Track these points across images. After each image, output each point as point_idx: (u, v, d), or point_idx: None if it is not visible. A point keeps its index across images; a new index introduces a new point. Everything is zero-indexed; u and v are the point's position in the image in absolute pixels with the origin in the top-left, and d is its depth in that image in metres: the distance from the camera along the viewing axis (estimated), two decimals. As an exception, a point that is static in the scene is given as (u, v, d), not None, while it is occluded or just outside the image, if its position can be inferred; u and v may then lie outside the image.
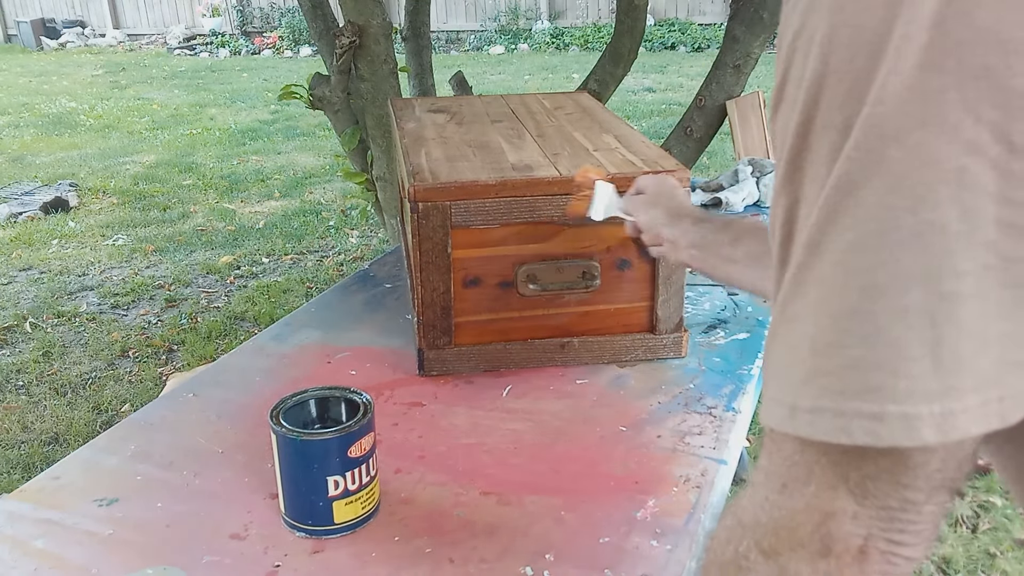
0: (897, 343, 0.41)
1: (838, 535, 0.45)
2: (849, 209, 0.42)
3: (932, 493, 0.45)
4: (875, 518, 0.45)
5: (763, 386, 0.47)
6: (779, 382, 0.45)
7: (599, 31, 10.45)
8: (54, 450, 2.65)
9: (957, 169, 0.40)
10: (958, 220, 0.40)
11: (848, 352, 0.42)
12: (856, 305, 0.42)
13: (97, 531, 0.91)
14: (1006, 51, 0.39)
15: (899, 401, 0.41)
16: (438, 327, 1.20)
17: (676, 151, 2.75)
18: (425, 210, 1.14)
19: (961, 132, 0.39)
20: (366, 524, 0.92)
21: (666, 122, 6.21)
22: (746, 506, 0.50)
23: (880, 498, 0.45)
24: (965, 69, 0.39)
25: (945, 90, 0.40)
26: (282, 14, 11.73)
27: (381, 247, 4.16)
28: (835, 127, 0.43)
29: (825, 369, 0.43)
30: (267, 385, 1.20)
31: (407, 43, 2.97)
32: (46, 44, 12.19)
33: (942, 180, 0.40)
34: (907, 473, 0.44)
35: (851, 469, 0.45)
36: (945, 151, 0.40)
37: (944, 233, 0.40)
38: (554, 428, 1.10)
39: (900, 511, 0.45)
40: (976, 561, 2.03)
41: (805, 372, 0.44)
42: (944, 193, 0.40)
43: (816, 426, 0.43)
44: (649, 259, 1.21)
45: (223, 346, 3.27)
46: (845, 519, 0.45)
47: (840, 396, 0.42)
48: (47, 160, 6.15)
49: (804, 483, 0.46)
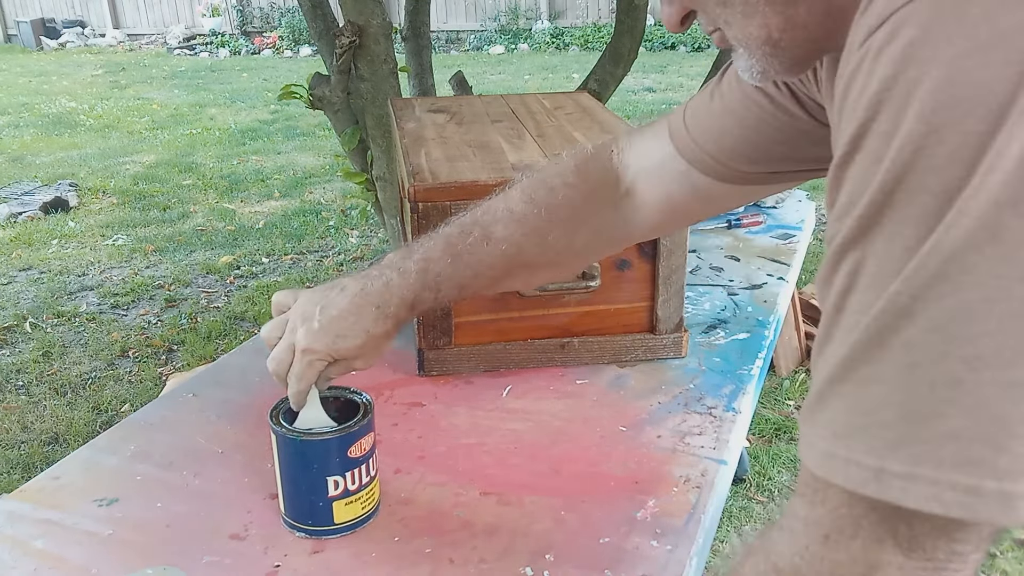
0: (1001, 418, 0.40)
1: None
2: (953, 276, 0.40)
3: (980, 545, 0.45)
4: (920, 569, 0.45)
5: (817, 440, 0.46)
6: (853, 442, 0.44)
7: (599, 31, 10.45)
8: (54, 450, 2.65)
9: None
10: None
11: (948, 422, 0.41)
12: (958, 375, 0.40)
13: (97, 531, 0.91)
14: None
15: (999, 477, 0.40)
16: (438, 327, 1.20)
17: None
18: (425, 210, 1.14)
19: None
20: (366, 524, 0.92)
21: (666, 122, 6.20)
22: (783, 552, 0.49)
23: (928, 551, 0.44)
24: None
25: None
26: (282, 14, 11.73)
27: (381, 247, 4.16)
28: (931, 191, 0.41)
29: (922, 437, 0.42)
30: (267, 385, 1.20)
31: (407, 43, 2.97)
32: (46, 44, 12.19)
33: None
34: (962, 530, 0.44)
35: (903, 525, 0.44)
36: None
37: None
38: (554, 428, 1.10)
39: (946, 562, 0.45)
40: (976, 561, 2.02)
41: (895, 437, 0.42)
42: None
43: (908, 493, 0.42)
44: (650, 259, 1.21)
45: (223, 346, 3.27)
46: (891, 570, 0.45)
47: (937, 466, 0.41)
48: (47, 160, 6.15)
49: (851, 537, 0.45)
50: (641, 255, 1.21)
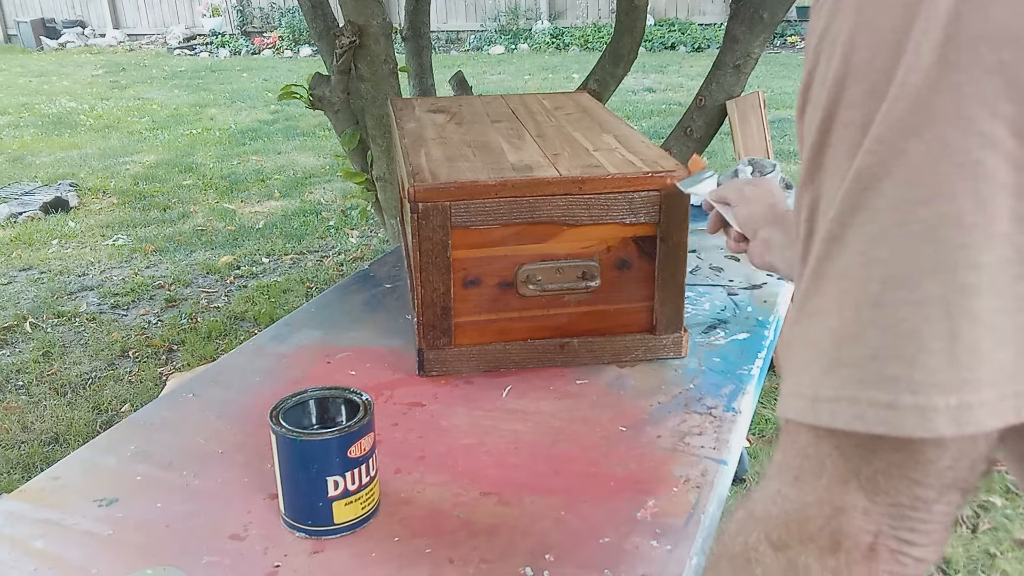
0: (914, 334, 0.41)
1: (848, 531, 0.45)
2: (870, 202, 0.43)
3: (943, 491, 0.45)
4: (885, 515, 0.45)
5: (783, 382, 0.48)
6: (800, 375, 0.46)
7: (599, 31, 10.45)
8: (54, 450, 2.65)
9: (973, 163, 0.40)
10: (973, 213, 0.40)
11: (868, 343, 0.42)
12: (876, 296, 0.42)
13: (97, 531, 0.91)
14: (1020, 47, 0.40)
15: (915, 391, 0.41)
16: (438, 327, 1.20)
17: (676, 151, 2.75)
18: (425, 210, 1.14)
19: (977, 126, 0.40)
20: (366, 524, 0.92)
21: (666, 122, 6.21)
22: (758, 498, 0.50)
23: (891, 494, 0.45)
24: (980, 64, 0.40)
25: (961, 85, 0.40)
26: (282, 14, 11.73)
27: (381, 247, 4.16)
28: (855, 124, 0.44)
29: (846, 360, 0.43)
30: (267, 385, 1.20)
31: (407, 43, 2.97)
32: (46, 44, 12.19)
33: (958, 173, 0.40)
34: (919, 469, 0.44)
35: (863, 463, 0.45)
36: (961, 145, 0.40)
37: (960, 226, 0.40)
38: (554, 428, 1.10)
39: (911, 509, 0.45)
40: (976, 561, 2.03)
41: (827, 363, 0.44)
42: (960, 186, 0.40)
43: (835, 415, 0.43)
44: (650, 259, 1.21)
45: (223, 346, 3.27)
46: (856, 514, 0.45)
47: (859, 385, 0.43)
48: (47, 160, 6.15)
49: (816, 476, 0.46)
50: (641, 255, 1.21)
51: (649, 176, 1.17)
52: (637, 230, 1.20)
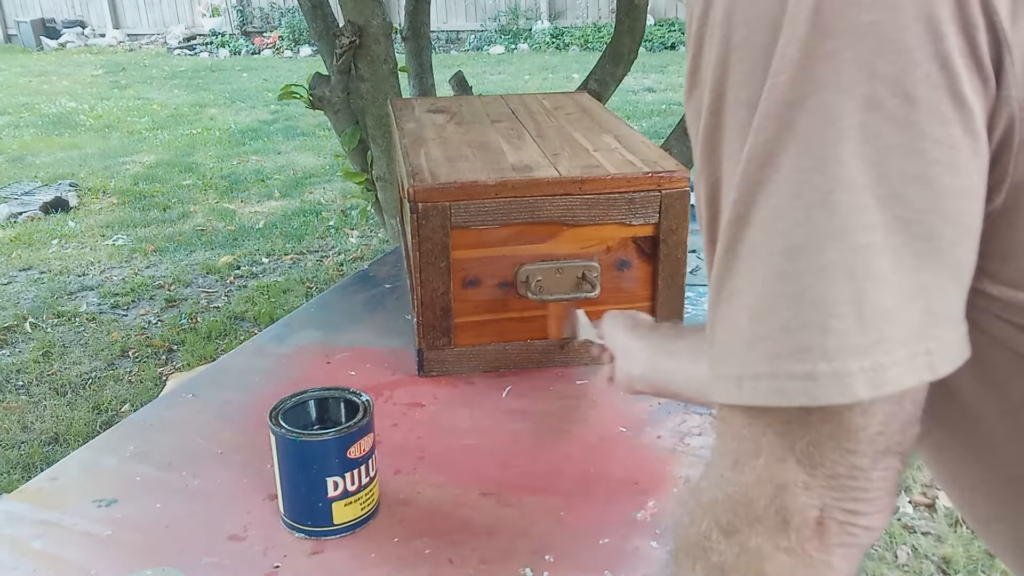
0: (821, 301, 0.41)
1: (793, 507, 0.45)
2: (768, 177, 0.43)
3: (878, 458, 0.45)
4: (826, 487, 0.45)
5: (710, 367, 0.47)
6: (724, 358, 0.46)
7: (599, 31, 10.45)
8: (54, 450, 2.65)
9: (859, 125, 0.41)
10: (864, 174, 0.41)
11: (779, 315, 0.43)
12: (781, 268, 0.42)
13: (96, 532, 0.91)
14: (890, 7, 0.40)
15: (829, 359, 0.41)
16: (438, 328, 1.20)
17: (676, 151, 2.75)
18: (425, 210, 1.13)
19: (858, 89, 0.40)
20: (366, 525, 0.92)
21: (666, 122, 6.21)
22: (704, 487, 0.50)
23: (828, 466, 0.45)
24: (853, 27, 0.40)
25: (838, 51, 0.41)
26: (282, 14, 11.73)
27: (381, 247, 4.16)
28: (743, 102, 0.44)
29: (762, 334, 0.43)
30: (266, 386, 1.20)
31: (407, 43, 2.96)
32: (46, 44, 12.19)
33: (844, 137, 0.41)
34: (849, 437, 0.44)
35: (796, 438, 0.45)
36: (845, 108, 0.41)
37: (852, 188, 0.41)
38: (554, 428, 1.10)
39: (849, 479, 0.45)
40: (976, 561, 2.02)
41: (745, 341, 0.44)
42: (848, 150, 0.41)
43: (758, 392, 0.43)
44: (650, 259, 1.21)
45: (223, 346, 3.27)
46: (797, 490, 0.45)
47: (776, 359, 0.43)
48: (47, 160, 6.15)
49: (754, 456, 0.46)
50: (641, 255, 1.21)
51: (649, 176, 1.17)
52: (637, 230, 1.19)
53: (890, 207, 0.41)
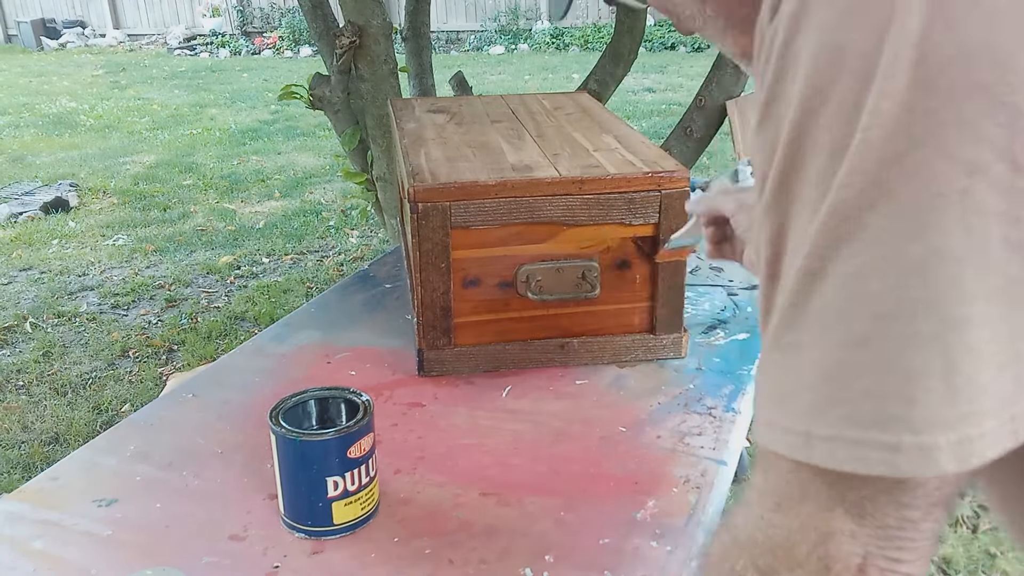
0: (910, 371, 0.40)
1: (837, 555, 0.45)
2: (852, 235, 0.41)
3: (930, 510, 0.45)
4: (873, 536, 0.44)
5: (758, 409, 0.47)
6: (784, 408, 0.45)
7: (599, 31, 10.45)
8: (54, 450, 2.65)
9: (960, 191, 0.39)
10: (963, 243, 0.39)
11: (862, 381, 0.41)
12: (867, 333, 0.41)
13: (96, 532, 0.91)
14: (1002, 67, 0.38)
15: (916, 431, 0.40)
16: (438, 327, 1.20)
17: (676, 151, 2.75)
18: (425, 210, 1.14)
19: (960, 152, 0.38)
20: (366, 525, 0.92)
21: (666, 122, 6.21)
22: (741, 524, 0.49)
23: (878, 517, 0.44)
24: (957, 86, 0.38)
25: (938, 110, 0.39)
26: (282, 14, 11.73)
27: (381, 247, 4.16)
28: (824, 150, 0.42)
29: (840, 398, 0.42)
30: (267, 385, 1.20)
31: (407, 43, 2.97)
32: (46, 44, 12.19)
33: (945, 204, 0.39)
34: (907, 494, 0.44)
35: (849, 490, 0.44)
36: (945, 173, 0.39)
37: (950, 259, 0.39)
38: (554, 428, 1.10)
39: (898, 529, 0.45)
40: (976, 561, 2.03)
41: (818, 400, 0.43)
42: (948, 218, 0.39)
43: (835, 455, 0.42)
44: (650, 259, 1.21)
45: (223, 346, 3.27)
46: (843, 538, 0.45)
47: (857, 426, 0.41)
48: (47, 160, 6.15)
49: (799, 502, 0.45)
50: (641, 255, 1.21)
51: (649, 176, 1.17)
52: (637, 230, 1.19)
53: (989, 277, 0.39)
